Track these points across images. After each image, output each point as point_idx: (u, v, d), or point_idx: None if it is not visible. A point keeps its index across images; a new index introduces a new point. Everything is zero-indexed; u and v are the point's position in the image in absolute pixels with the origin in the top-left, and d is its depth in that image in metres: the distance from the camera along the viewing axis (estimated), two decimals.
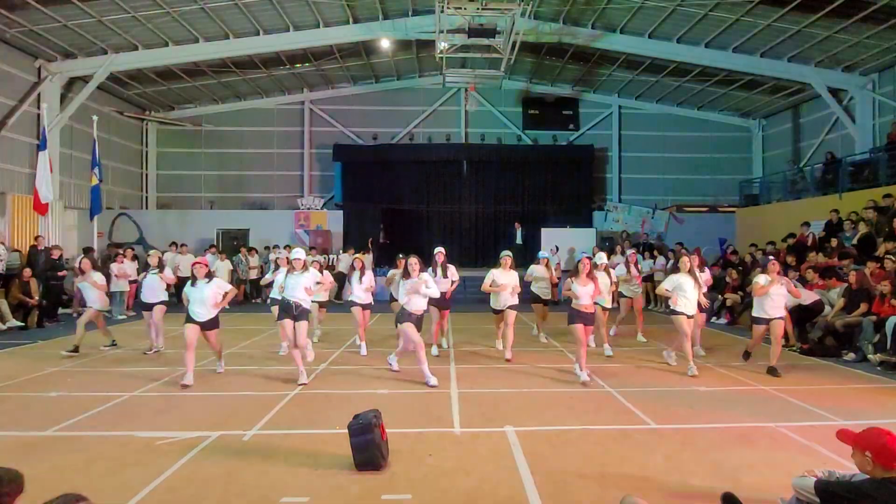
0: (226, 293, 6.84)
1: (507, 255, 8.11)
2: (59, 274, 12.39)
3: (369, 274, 8.36)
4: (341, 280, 13.32)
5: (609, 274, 8.44)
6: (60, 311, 12.54)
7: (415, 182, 19.93)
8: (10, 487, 2.00)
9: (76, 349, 8.04)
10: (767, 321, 7.18)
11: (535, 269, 9.04)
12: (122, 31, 13.98)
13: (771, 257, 8.08)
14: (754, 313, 7.36)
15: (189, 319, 6.65)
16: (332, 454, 4.31)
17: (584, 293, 6.71)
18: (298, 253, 6.84)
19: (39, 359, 7.67)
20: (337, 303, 13.91)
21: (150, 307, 8.25)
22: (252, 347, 8.83)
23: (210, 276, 6.75)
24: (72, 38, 13.94)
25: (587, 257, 6.98)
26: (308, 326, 6.88)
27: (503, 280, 7.94)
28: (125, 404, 5.72)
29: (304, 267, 6.78)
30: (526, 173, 19.97)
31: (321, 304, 8.95)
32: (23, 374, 7.03)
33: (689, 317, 7.09)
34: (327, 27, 15.45)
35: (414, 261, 6.66)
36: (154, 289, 8.24)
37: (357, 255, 9.01)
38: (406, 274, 6.63)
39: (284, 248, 13.96)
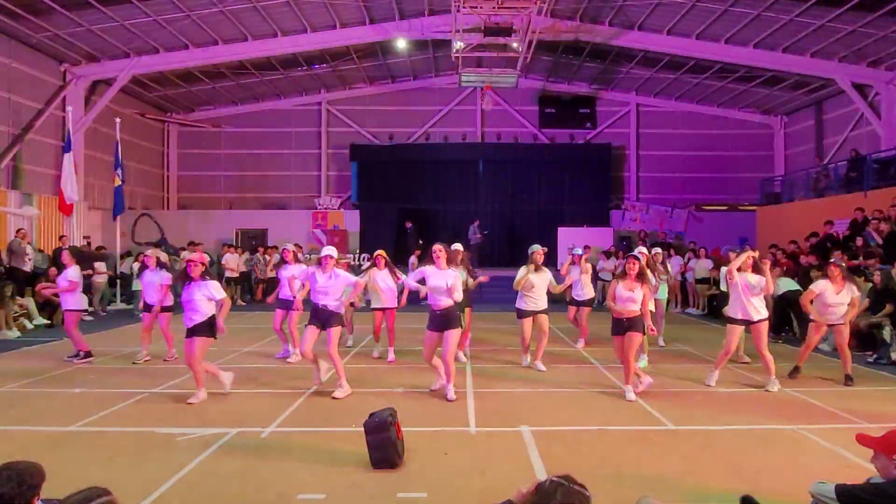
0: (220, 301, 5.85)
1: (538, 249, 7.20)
2: (84, 273, 12.66)
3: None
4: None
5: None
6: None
7: (431, 182, 19.97)
8: (40, 478, 2.07)
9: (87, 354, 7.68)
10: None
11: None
12: (144, 35, 14.25)
13: (833, 259, 7.13)
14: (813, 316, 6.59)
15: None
16: (348, 452, 4.34)
17: (627, 297, 5.91)
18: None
19: (64, 356, 7.84)
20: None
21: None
22: (270, 345, 8.92)
23: (207, 275, 5.93)
24: (96, 43, 14.25)
25: (634, 256, 6.12)
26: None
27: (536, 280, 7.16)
28: (146, 401, 5.82)
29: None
30: (542, 172, 19.88)
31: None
32: (48, 371, 7.20)
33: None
34: (344, 28, 15.57)
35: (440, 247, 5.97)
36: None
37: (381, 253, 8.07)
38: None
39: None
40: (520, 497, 1.97)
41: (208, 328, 5.75)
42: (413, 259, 14.91)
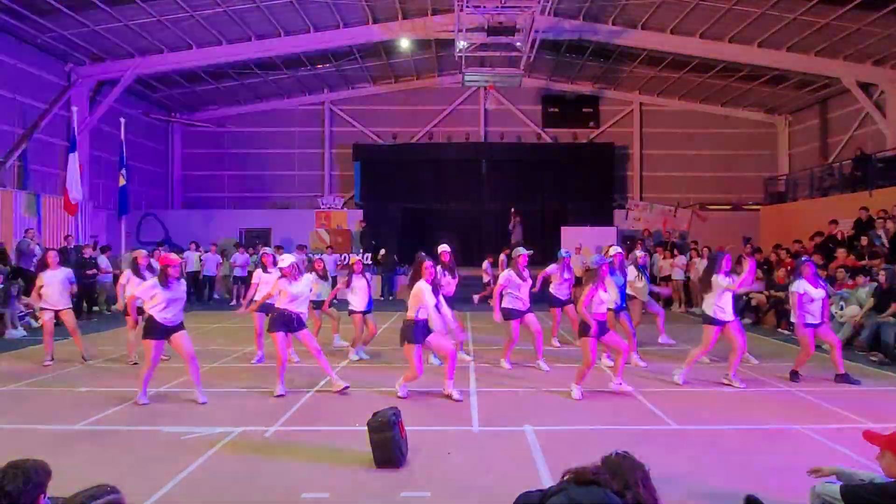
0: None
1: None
2: (89, 272, 12.72)
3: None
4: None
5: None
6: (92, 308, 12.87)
7: (434, 181, 19.97)
8: (45, 477, 2.09)
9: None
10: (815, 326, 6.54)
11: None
12: (148, 35, 14.30)
13: (804, 258, 7.24)
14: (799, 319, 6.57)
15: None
16: (351, 451, 4.35)
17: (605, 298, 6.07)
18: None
19: (69, 355, 7.88)
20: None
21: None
22: (273, 345, 8.93)
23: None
24: (100, 43, 14.30)
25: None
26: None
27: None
28: (151, 400, 5.84)
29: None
30: (546, 172, 19.84)
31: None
32: (53, 370, 7.24)
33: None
34: (347, 28, 15.58)
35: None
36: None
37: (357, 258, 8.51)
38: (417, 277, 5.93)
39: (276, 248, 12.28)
40: (582, 468, 1.98)
41: None
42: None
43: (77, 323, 7.91)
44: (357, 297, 7.77)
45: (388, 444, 4.02)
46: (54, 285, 7.55)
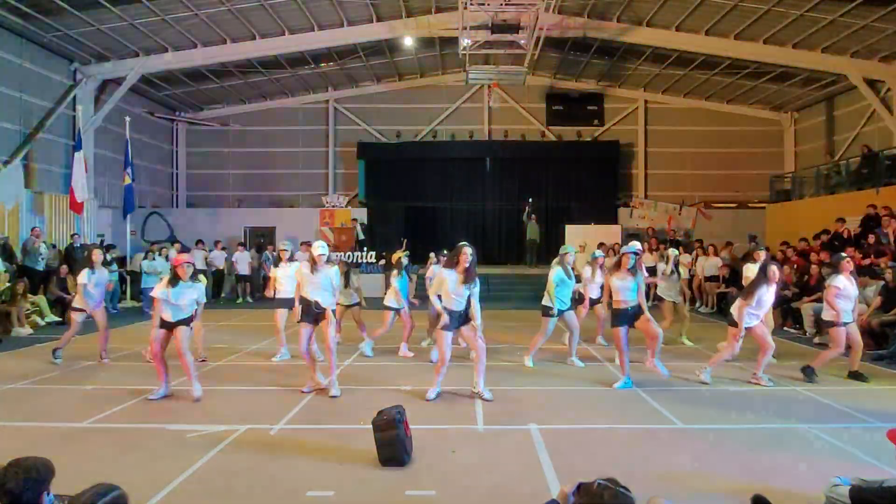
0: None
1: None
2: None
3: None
4: None
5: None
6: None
7: (438, 179, 19.98)
8: (48, 474, 2.09)
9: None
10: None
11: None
12: (153, 34, 14.32)
13: (843, 254, 7.10)
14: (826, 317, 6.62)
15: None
16: (356, 449, 4.35)
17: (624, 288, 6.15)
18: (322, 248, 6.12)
19: (75, 353, 7.91)
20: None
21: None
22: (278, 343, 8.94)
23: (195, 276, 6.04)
24: (105, 42, 14.33)
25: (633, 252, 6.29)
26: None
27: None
28: (153, 399, 5.85)
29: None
30: (550, 170, 19.82)
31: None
32: (59, 368, 7.28)
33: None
34: (351, 26, 15.57)
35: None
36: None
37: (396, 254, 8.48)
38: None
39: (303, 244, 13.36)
40: (563, 497, 1.96)
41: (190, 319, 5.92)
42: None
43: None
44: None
45: (393, 443, 4.02)
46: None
